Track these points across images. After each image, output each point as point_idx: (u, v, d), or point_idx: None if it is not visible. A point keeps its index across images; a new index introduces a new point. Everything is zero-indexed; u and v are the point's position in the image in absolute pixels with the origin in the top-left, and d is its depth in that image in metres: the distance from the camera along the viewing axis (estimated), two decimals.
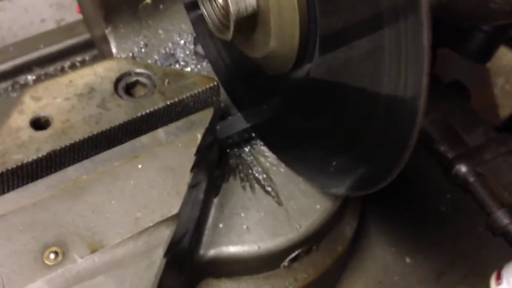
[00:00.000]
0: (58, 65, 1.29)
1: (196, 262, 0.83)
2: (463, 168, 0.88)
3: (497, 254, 1.05)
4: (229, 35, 0.70)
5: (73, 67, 1.30)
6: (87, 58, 1.31)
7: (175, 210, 0.68)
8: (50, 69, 1.29)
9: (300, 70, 0.73)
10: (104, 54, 1.16)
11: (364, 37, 0.58)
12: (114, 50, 1.07)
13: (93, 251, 0.64)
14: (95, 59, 1.30)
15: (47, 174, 0.71)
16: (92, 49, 1.30)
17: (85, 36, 1.29)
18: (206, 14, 0.75)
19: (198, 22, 0.98)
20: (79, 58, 1.31)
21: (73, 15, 1.40)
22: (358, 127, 0.66)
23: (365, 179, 0.70)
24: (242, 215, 0.86)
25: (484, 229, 0.89)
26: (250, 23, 0.69)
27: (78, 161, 0.72)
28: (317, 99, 0.74)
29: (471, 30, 1.04)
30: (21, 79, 1.26)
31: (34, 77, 1.26)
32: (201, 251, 0.83)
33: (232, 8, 0.66)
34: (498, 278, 0.87)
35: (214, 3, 0.73)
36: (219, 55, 0.97)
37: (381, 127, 0.62)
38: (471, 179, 0.87)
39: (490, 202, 0.86)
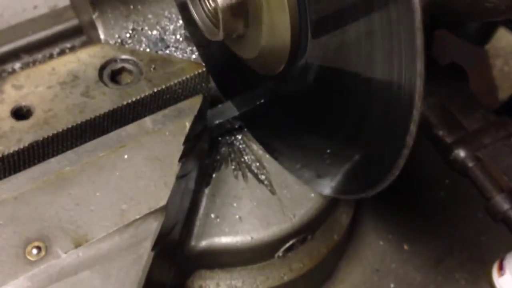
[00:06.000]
0: (46, 52, 1.26)
1: (188, 253, 0.81)
2: (461, 153, 0.86)
3: (496, 240, 1.04)
4: (220, 34, 0.68)
5: (62, 54, 1.26)
6: (76, 44, 1.28)
7: (162, 202, 0.66)
8: (39, 56, 1.25)
9: (294, 64, 0.70)
10: (93, 40, 1.13)
11: (355, 21, 0.56)
12: (102, 36, 1.04)
13: (77, 245, 0.62)
14: (84, 46, 1.26)
15: (29, 166, 0.68)
16: (82, 35, 1.27)
17: (74, 22, 1.26)
18: (196, 16, 0.73)
19: (185, 8, 0.95)
20: (68, 45, 1.28)
21: (66, 1, 1.37)
22: (356, 116, 0.64)
23: (360, 178, 0.67)
24: (235, 204, 0.84)
25: (484, 215, 0.87)
26: (238, 12, 0.67)
27: (62, 152, 0.70)
28: (312, 88, 0.71)
29: None
30: (9, 66, 1.23)
31: (21, 65, 1.23)
32: (193, 243, 0.81)
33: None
34: (500, 268, 0.86)
35: (203, 4, 0.71)
36: (207, 43, 0.94)
37: (378, 117, 0.60)
38: (470, 164, 0.86)
39: (490, 187, 0.84)
